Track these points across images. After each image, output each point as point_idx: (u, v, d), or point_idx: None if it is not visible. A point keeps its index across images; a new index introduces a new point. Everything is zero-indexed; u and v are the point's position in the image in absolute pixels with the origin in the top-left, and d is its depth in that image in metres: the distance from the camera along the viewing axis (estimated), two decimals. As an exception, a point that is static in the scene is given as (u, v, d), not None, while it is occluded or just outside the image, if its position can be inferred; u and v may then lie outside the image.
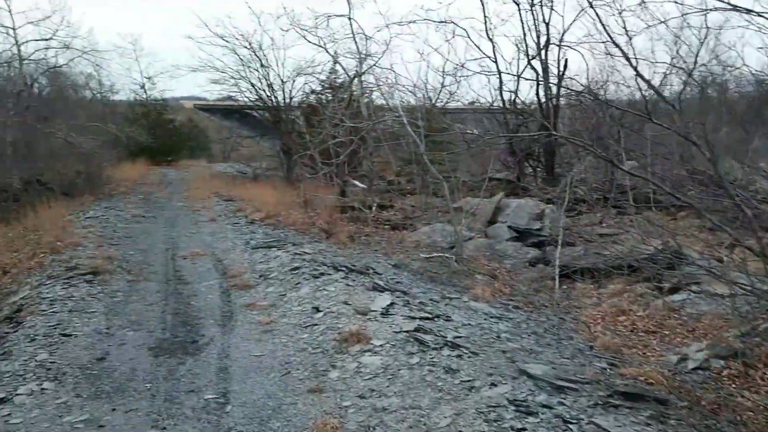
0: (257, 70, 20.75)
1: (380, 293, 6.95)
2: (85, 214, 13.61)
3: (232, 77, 20.93)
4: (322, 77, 19.00)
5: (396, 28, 12.72)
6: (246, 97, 21.70)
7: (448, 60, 17.15)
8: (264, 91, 20.88)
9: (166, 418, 4.23)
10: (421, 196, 13.83)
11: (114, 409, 4.33)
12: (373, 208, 12.72)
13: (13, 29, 16.38)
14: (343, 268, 7.94)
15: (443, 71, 14.79)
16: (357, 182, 14.14)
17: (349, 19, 13.03)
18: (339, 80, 17.99)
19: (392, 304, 6.54)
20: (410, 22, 12.69)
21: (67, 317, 6.33)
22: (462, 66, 14.21)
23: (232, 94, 21.94)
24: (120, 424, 4.13)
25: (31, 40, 16.95)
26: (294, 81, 20.94)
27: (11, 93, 16.59)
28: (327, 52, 13.18)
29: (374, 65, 11.97)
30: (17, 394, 4.43)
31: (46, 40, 17.01)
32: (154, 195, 17.48)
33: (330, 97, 17.74)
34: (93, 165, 19.93)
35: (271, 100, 20.91)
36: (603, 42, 6.13)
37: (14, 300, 7.19)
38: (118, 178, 21.89)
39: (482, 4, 13.92)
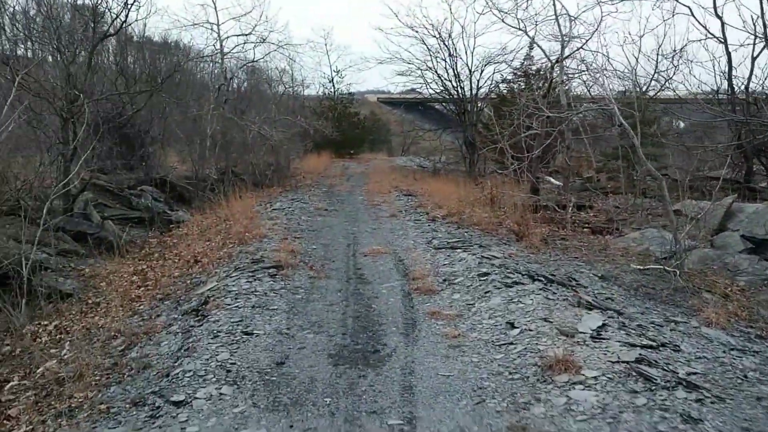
0: (445, 60, 20.48)
1: (588, 311, 5.99)
2: (272, 206, 14.23)
3: (419, 68, 20.88)
4: (515, 64, 18.06)
5: (606, 7, 11.35)
6: (431, 88, 21.50)
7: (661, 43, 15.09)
8: (450, 81, 20.54)
9: (346, 444, 3.80)
10: (627, 195, 12.33)
11: (291, 426, 4.00)
12: (570, 208, 11.55)
13: (217, 25, 17.78)
14: (541, 278, 7.07)
15: (657, 55, 13.05)
16: (552, 179, 13.02)
17: (553, 3, 11.98)
18: (534, 67, 16.94)
19: (604, 325, 5.56)
20: (616, 2, 11.29)
21: (250, 313, 6.30)
22: (682, 49, 12.39)
23: (416, 86, 21.89)
24: (296, 446, 3.79)
25: (232, 36, 18.27)
26: (482, 71, 20.33)
27: (213, 87, 18.06)
28: (527, 35, 12.26)
29: (581, 47, 10.82)
30: (196, 398, 4.31)
31: (246, 35, 18.25)
32: (336, 188, 17.92)
33: (523, 86, 16.75)
34: (282, 157, 21.14)
35: (457, 91, 20.48)
36: None
37: (202, 291, 7.43)
38: (304, 169, 23.05)
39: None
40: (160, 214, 13.94)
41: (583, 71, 12.14)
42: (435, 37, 20.25)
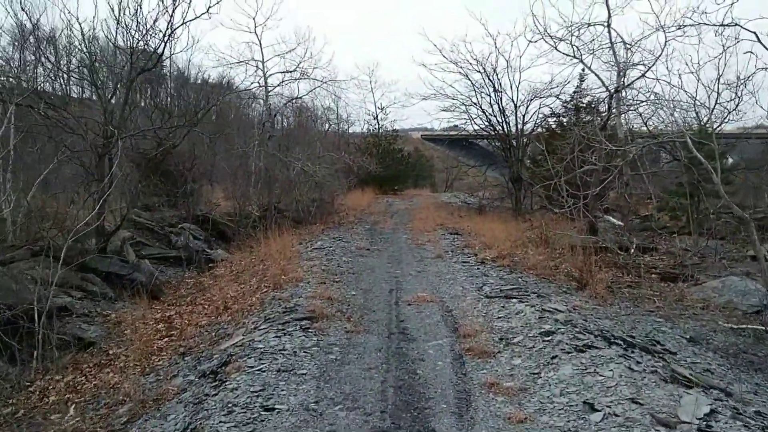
0: (489, 95, 19.37)
1: (687, 389, 4.63)
2: (313, 245, 13.22)
3: (463, 104, 19.84)
4: (565, 97, 16.79)
5: (670, 32, 10.06)
6: (475, 124, 20.38)
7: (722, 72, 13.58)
8: (495, 116, 19.39)
9: None
10: (695, 237, 10.82)
11: None
12: (632, 251, 10.13)
13: (262, 62, 17.20)
14: (618, 341, 5.72)
15: (718, 84, 11.61)
16: (611, 218, 11.60)
17: (608, 26, 10.78)
18: (585, 100, 15.65)
19: (713, 412, 4.20)
20: (680, 27, 9.97)
21: (274, 380, 5.17)
22: (748, 78, 10.91)
23: (460, 122, 20.82)
24: None
25: (276, 72, 17.67)
26: (528, 105, 19.13)
27: (257, 124, 17.42)
28: (582, 62, 11.06)
29: (642, 75, 9.53)
30: None
31: (290, 72, 17.61)
32: (379, 225, 16.84)
33: (573, 120, 15.47)
34: (326, 193, 20.24)
35: (502, 126, 19.30)
36: None
37: (226, 346, 6.36)
38: (347, 206, 22.08)
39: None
40: (198, 253, 13.10)
41: (642, 102, 10.81)
42: (479, 72, 19.22)
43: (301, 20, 42.34)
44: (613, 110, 11.00)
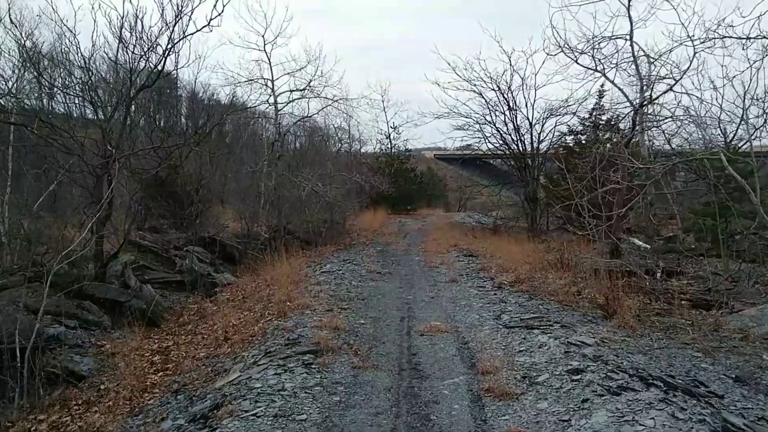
0: (504, 114, 18.85)
1: (744, 446, 3.94)
2: (322, 268, 12.65)
3: (477, 122, 19.32)
4: (583, 114, 16.15)
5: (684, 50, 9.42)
6: (489, 143, 19.82)
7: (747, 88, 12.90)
8: (510, 135, 18.82)
9: None
10: (726, 259, 10.09)
11: None
12: (658, 275, 9.43)
13: (272, 81, 16.78)
14: (657, 381, 5.04)
15: (744, 100, 10.95)
16: (636, 240, 10.89)
17: (630, 39, 10.20)
18: (604, 117, 15.02)
19: (781, 477, 3.51)
20: (705, 40, 9.37)
21: (269, 427, 4.55)
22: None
23: (474, 140, 20.25)
24: None
25: (286, 91, 17.23)
26: (543, 123, 18.57)
27: (266, 143, 16.98)
28: (604, 76, 10.45)
29: (669, 89, 8.88)
30: None
31: (300, 90, 17.17)
32: (391, 246, 16.25)
33: (593, 137, 14.85)
34: (337, 214, 19.71)
35: (517, 144, 18.73)
36: None
37: (221, 384, 5.76)
38: (359, 226, 21.55)
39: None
40: (203, 277, 12.57)
41: (666, 118, 10.18)
42: (494, 89, 18.70)
43: (312, 37, 42.17)
44: (638, 126, 10.35)
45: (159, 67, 9.25)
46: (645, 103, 9.75)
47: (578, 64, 10.55)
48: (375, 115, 29.98)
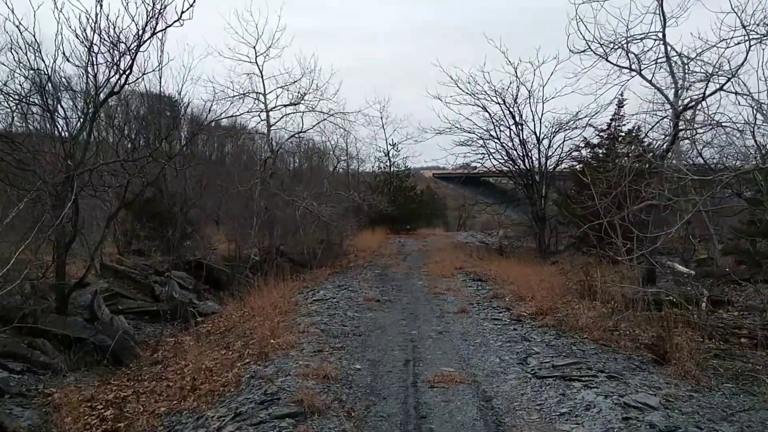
0: (509, 128, 17.40)
1: None
2: (315, 294, 11.07)
3: (480, 137, 17.87)
4: (601, 125, 14.68)
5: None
6: (494, 158, 18.34)
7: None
8: (515, 150, 17.36)
9: None
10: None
11: None
12: (703, 305, 7.85)
13: (264, 95, 15.31)
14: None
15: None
16: (678, 265, 9.31)
17: (663, 38, 8.74)
18: (624, 128, 13.54)
19: None
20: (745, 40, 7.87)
21: None
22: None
23: (477, 156, 18.78)
24: None
25: (279, 106, 15.76)
26: (552, 137, 17.12)
27: (258, 160, 15.51)
28: (640, 74, 8.90)
29: (720, 88, 7.35)
30: None
31: (294, 104, 15.68)
32: (391, 269, 14.65)
33: (617, 149, 13.36)
34: (334, 234, 18.17)
35: (524, 160, 17.25)
36: None
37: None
38: (357, 247, 19.99)
39: None
40: (185, 305, 10.96)
41: (708, 124, 8.67)
42: (499, 103, 17.28)
43: (306, 49, 40.66)
44: (681, 133, 8.85)
45: (127, 71, 7.73)
46: (690, 105, 8.26)
47: (608, 61, 9.09)
48: (374, 132, 28.25)
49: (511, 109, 17.11)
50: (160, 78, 12.85)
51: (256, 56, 15.21)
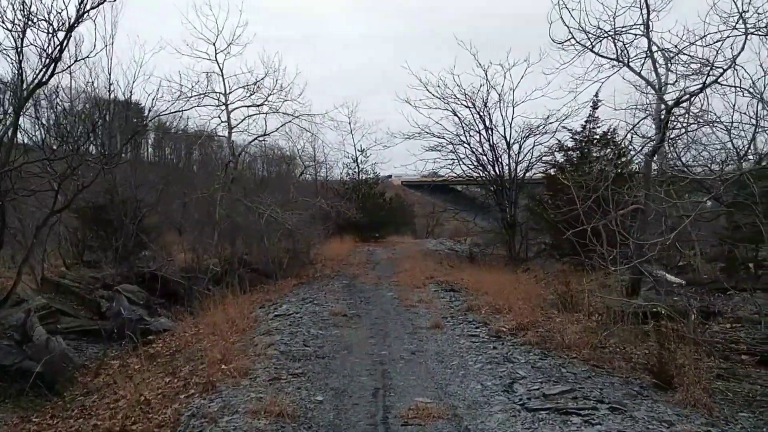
0: (479, 133, 16.62)
1: None
2: (277, 308, 10.00)
3: (450, 142, 17.04)
4: (575, 127, 13.97)
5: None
6: (464, 164, 17.52)
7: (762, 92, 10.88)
8: (485, 155, 16.59)
9: None
10: (768, 295, 7.84)
11: None
12: (693, 318, 7.06)
13: (225, 95, 14.12)
14: None
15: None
16: (668, 275, 8.54)
17: (646, 32, 7.99)
18: (598, 130, 12.84)
19: None
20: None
21: None
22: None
23: (446, 162, 17.90)
24: None
25: (241, 106, 14.57)
26: (522, 142, 16.42)
27: (219, 165, 14.36)
28: (628, 66, 8.05)
29: (715, 81, 6.58)
30: None
31: (257, 105, 14.51)
32: (359, 279, 13.63)
33: (594, 152, 12.65)
34: (300, 243, 17.05)
35: (493, 165, 16.50)
36: None
37: None
38: (325, 256, 18.88)
39: None
40: (134, 323, 9.75)
41: (691, 124, 7.97)
42: (468, 107, 16.49)
43: (270, 48, 38.45)
44: (669, 131, 8.10)
45: (56, 55, 6.57)
46: (684, 98, 7.50)
47: (593, 52, 8.27)
48: (342, 137, 26.66)
49: (481, 113, 16.37)
50: (110, 74, 11.62)
51: (216, 53, 14.04)
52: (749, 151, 8.55)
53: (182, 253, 15.08)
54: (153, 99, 12.32)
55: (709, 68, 6.84)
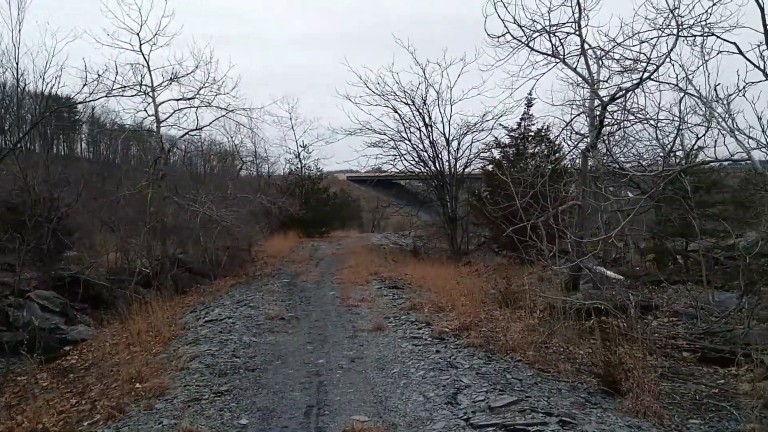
0: (419, 130, 16.20)
1: None
2: (209, 312, 9.18)
3: (392, 139, 16.57)
4: (510, 124, 13.74)
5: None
6: (405, 160, 17.07)
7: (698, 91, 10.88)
8: (426, 152, 16.21)
9: None
10: (710, 289, 7.74)
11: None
12: (632, 312, 6.81)
13: (152, 88, 12.97)
14: None
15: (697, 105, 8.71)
16: (608, 271, 8.30)
17: (578, 29, 7.67)
18: (533, 127, 12.63)
19: None
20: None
21: None
22: (730, 97, 8.01)
23: (388, 158, 17.40)
24: None
25: (170, 99, 13.46)
26: (461, 139, 16.13)
27: (148, 161, 13.25)
28: (564, 62, 7.69)
29: (648, 77, 6.28)
30: None
31: (188, 99, 13.45)
32: (301, 277, 12.91)
33: (530, 149, 12.41)
34: (241, 240, 16.12)
35: (434, 161, 16.14)
36: None
37: None
38: (267, 253, 18.01)
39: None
40: (48, 333, 8.68)
41: (625, 120, 7.76)
42: (408, 104, 16.08)
43: (200, 41, 36.76)
44: (605, 128, 7.83)
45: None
46: (618, 96, 7.21)
47: (529, 47, 7.91)
48: (283, 133, 25.63)
49: (421, 111, 15.99)
50: (17, 63, 10.36)
51: (141, 44, 12.84)
52: (674, 146, 8.44)
53: (111, 254, 13.86)
54: (58, 87, 11.09)
55: (644, 65, 6.56)
